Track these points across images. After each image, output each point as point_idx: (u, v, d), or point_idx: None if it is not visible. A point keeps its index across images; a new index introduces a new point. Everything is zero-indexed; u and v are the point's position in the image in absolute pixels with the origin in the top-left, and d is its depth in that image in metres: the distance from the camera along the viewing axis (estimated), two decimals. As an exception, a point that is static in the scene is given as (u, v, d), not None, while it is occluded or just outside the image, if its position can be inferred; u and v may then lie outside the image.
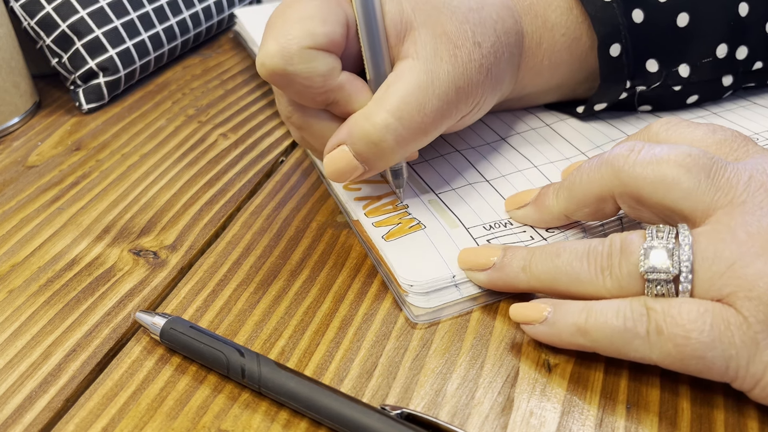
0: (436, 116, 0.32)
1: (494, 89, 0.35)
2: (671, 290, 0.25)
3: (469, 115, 0.35)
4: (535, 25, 0.37)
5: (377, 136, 0.31)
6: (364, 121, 0.31)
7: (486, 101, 0.35)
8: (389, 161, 0.33)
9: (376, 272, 0.34)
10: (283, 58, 0.30)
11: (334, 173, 0.33)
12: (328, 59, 0.31)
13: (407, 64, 0.31)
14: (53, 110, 0.53)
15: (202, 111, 0.51)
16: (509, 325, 0.30)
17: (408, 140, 0.32)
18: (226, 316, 0.32)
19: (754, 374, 0.24)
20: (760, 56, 0.39)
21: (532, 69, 0.38)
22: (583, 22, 0.38)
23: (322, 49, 0.30)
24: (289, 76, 0.30)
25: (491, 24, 0.34)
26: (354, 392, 0.27)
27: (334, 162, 0.33)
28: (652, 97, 0.40)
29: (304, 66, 0.30)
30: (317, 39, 0.30)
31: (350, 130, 0.32)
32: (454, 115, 0.33)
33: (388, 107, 0.31)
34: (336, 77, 0.31)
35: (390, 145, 0.31)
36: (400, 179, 0.36)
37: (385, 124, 0.31)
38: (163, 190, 0.42)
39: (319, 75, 0.30)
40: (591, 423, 0.25)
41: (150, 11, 0.55)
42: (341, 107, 0.32)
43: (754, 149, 0.28)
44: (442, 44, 0.31)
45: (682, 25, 0.37)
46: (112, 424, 0.27)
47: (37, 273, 0.36)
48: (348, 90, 0.32)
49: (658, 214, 0.28)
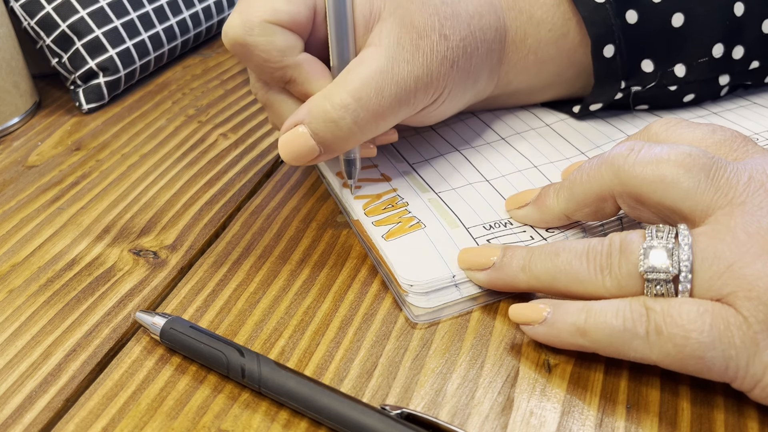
0: (393, 102, 0.32)
1: (464, 83, 0.35)
2: (671, 290, 0.25)
3: (431, 106, 0.35)
4: (520, 21, 0.38)
5: (336, 115, 0.32)
6: (324, 100, 0.32)
7: (452, 94, 0.35)
8: (346, 143, 0.33)
9: (376, 272, 0.34)
10: (243, 29, 0.32)
11: (290, 154, 0.33)
12: (288, 36, 0.32)
13: (370, 51, 0.32)
14: (53, 110, 0.53)
15: (202, 111, 0.51)
16: (509, 325, 0.30)
17: (365, 123, 0.32)
18: (226, 316, 0.32)
19: (753, 374, 0.24)
20: (756, 55, 0.39)
21: (516, 64, 0.38)
22: (571, 18, 0.38)
23: (283, 26, 0.32)
24: (248, 47, 0.32)
25: (465, 18, 0.34)
26: (354, 392, 0.27)
27: (290, 142, 0.33)
28: (648, 97, 0.40)
29: (263, 39, 0.32)
30: (279, 15, 0.32)
31: (309, 109, 0.32)
32: (413, 103, 0.33)
33: (348, 88, 0.32)
34: (294, 55, 0.33)
35: (348, 124, 0.32)
36: (353, 169, 0.36)
37: (344, 104, 0.31)
38: (163, 190, 0.42)
39: (276, 49, 0.32)
40: (591, 423, 0.25)
41: (150, 11, 0.55)
42: (299, 87, 0.34)
43: (753, 149, 0.28)
44: (406, 34, 0.32)
45: (677, 25, 0.37)
46: (112, 424, 0.27)
47: (37, 273, 0.36)
48: (306, 70, 0.33)
49: (658, 213, 0.28)
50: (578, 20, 0.38)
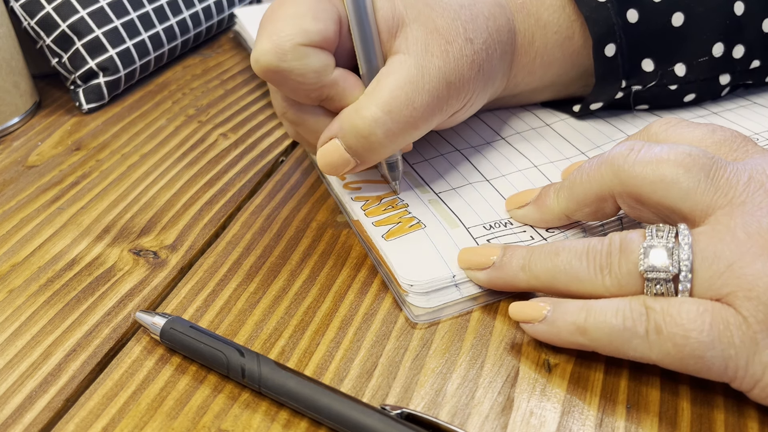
0: (425, 111, 0.32)
1: (486, 86, 0.35)
2: (670, 289, 0.25)
3: (460, 111, 0.35)
4: (528, 23, 0.38)
5: (367, 130, 0.31)
6: (354, 114, 0.32)
7: (478, 97, 0.35)
8: (380, 155, 0.33)
9: (376, 272, 0.34)
10: (276, 55, 0.30)
11: (327, 166, 0.33)
12: (322, 56, 0.31)
13: (398, 59, 0.32)
14: (53, 110, 0.53)
15: (202, 111, 0.51)
16: (509, 325, 0.30)
17: (397, 134, 0.32)
18: (226, 316, 0.32)
19: (753, 374, 0.24)
20: (757, 55, 0.39)
21: (525, 67, 0.38)
22: (576, 20, 0.38)
23: (315, 45, 0.31)
24: (283, 72, 0.31)
25: (483, 21, 0.34)
26: (354, 392, 0.27)
27: (327, 155, 0.33)
28: (648, 96, 0.40)
29: (298, 63, 0.31)
30: (310, 36, 0.30)
31: (341, 124, 0.32)
32: (445, 110, 0.33)
33: (377, 101, 0.31)
34: (329, 73, 0.32)
35: (379, 138, 0.32)
36: (396, 172, 0.36)
37: (374, 118, 0.31)
38: (163, 190, 0.42)
39: (312, 71, 0.31)
40: (591, 423, 0.25)
41: (150, 11, 0.55)
42: (335, 103, 0.33)
43: (753, 149, 0.28)
44: (433, 40, 0.32)
45: (677, 24, 0.37)
46: (112, 424, 0.27)
47: (37, 273, 0.36)
48: (342, 86, 0.32)
49: (658, 213, 0.28)
50: (582, 22, 0.38)
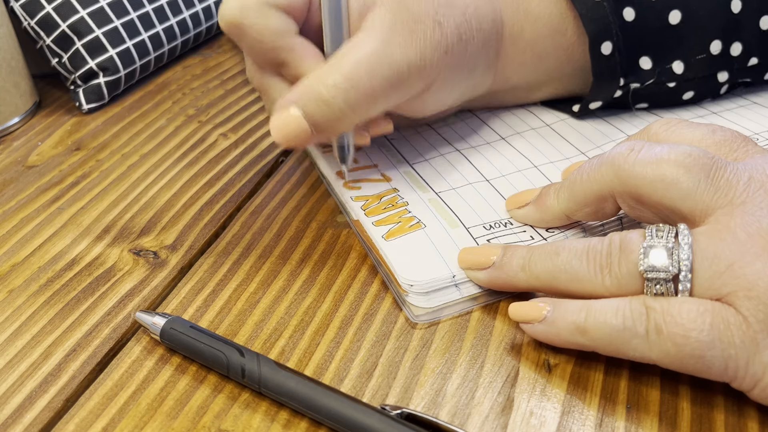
0: (385, 85, 0.32)
1: (459, 71, 0.35)
2: (670, 289, 0.25)
3: (427, 93, 0.35)
4: (517, 16, 0.38)
5: (328, 95, 0.32)
6: (316, 81, 0.32)
7: (447, 82, 0.35)
8: (338, 124, 0.33)
9: (376, 272, 0.34)
10: (240, 11, 0.32)
11: (281, 135, 0.33)
12: (283, 18, 0.33)
13: (364, 34, 0.32)
14: (53, 110, 0.53)
15: (202, 111, 0.51)
16: (509, 325, 0.30)
17: (358, 103, 0.32)
18: (226, 316, 0.32)
19: (753, 374, 0.24)
20: (755, 52, 0.39)
21: (514, 59, 0.39)
22: (569, 15, 0.38)
23: (280, 8, 0.32)
24: (243, 27, 0.33)
25: (461, 7, 0.34)
26: (354, 392, 0.27)
27: (283, 123, 0.33)
28: (647, 95, 0.40)
29: (258, 20, 0.32)
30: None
31: (301, 90, 0.32)
32: (405, 87, 0.33)
33: (341, 70, 0.32)
34: (288, 38, 0.33)
35: (339, 104, 0.32)
36: (346, 154, 0.36)
37: (336, 85, 0.31)
38: (163, 190, 0.42)
39: (270, 31, 0.33)
40: (591, 423, 0.25)
41: (150, 11, 0.55)
42: (292, 70, 0.34)
43: (754, 149, 0.28)
44: (400, 19, 0.32)
45: (674, 22, 0.37)
46: (112, 424, 0.27)
47: (37, 273, 0.36)
48: (299, 53, 0.33)
49: (658, 213, 0.28)
50: (575, 17, 0.38)
